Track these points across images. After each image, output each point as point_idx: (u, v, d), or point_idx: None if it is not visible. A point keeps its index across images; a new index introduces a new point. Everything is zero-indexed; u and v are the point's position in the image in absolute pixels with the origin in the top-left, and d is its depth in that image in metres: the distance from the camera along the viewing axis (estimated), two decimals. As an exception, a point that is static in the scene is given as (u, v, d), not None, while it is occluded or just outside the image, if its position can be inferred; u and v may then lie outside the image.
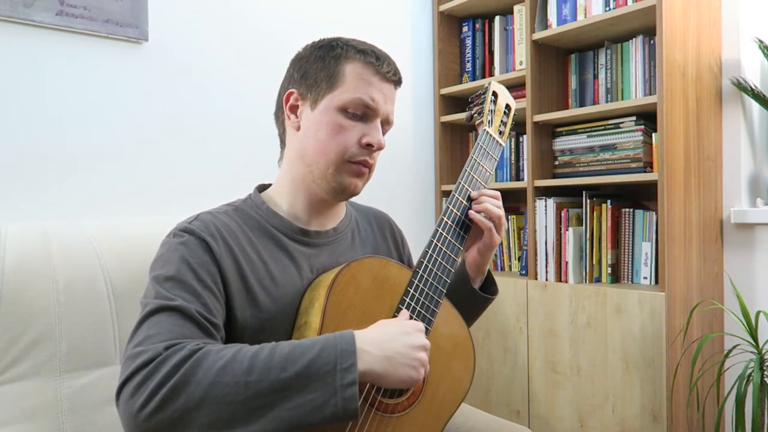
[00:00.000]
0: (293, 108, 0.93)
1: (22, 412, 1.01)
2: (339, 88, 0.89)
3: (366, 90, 0.89)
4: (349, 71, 0.89)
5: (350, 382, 0.70)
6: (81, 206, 1.42)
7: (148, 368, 0.69)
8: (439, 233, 0.92)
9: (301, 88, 0.92)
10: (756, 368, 1.46)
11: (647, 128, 1.70)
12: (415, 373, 0.77)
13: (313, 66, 0.91)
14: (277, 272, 0.89)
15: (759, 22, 1.80)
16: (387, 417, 0.84)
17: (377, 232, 1.07)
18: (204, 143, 1.63)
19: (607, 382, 1.66)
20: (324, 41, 0.94)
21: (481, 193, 0.97)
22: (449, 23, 2.23)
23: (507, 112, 1.08)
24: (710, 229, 1.75)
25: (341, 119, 0.89)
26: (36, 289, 1.05)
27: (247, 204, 0.95)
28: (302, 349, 0.71)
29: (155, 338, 0.73)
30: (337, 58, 0.90)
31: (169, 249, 0.84)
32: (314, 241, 0.94)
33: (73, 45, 1.41)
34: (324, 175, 0.90)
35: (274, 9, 1.78)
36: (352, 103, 0.88)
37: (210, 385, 0.68)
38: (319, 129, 0.89)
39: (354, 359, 0.71)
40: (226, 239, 0.86)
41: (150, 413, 0.67)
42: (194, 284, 0.80)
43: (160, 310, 0.76)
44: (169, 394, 0.68)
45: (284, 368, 0.70)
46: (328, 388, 0.69)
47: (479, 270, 1.03)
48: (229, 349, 0.72)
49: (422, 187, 2.20)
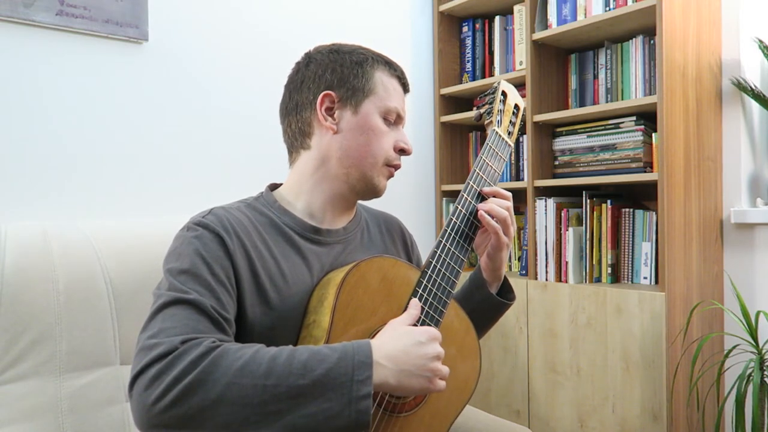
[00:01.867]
0: (329, 110, 0.94)
1: (22, 412, 1.01)
2: (377, 95, 0.94)
3: (396, 99, 0.96)
4: (383, 80, 0.95)
5: (365, 394, 0.71)
6: (81, 206, 1.42)
7: (165, 361, 0.69)
8: (448, 233, 0.92)
9: (340, 92, 0.93)
10: (756, 368, 1.46)
11: (647, 128, 1.70)
12: (429, 384, 0.78)
13: (351, 71, 0.94)
14: (287, 269, 0.89)
15: (759, 22, 1.80)
16: (395, 416, 0.84)
17: (386, 235, 1.08)
18: (204, 143, 1.63)
19: (607, 382, 1.66)
20: (346, 47, 0.97)
21: (492, 191, 0.97)
22: (449, 23, 2.23)
23: (516, 112, 1.07)
24: (710, 229, 1.75)
25: (382, 125, 0.94)
26: (36, 289, 1.05)
27: (259, 201, 0.95)
28: (320, 357, 0.72)
29: (170, 331, 0.73)
30: (372, 66, 0.95)
31: (183, 242, 0.84)
32: (325, 239, 0.95)
33: (73, 45, 1.41)
34: (364, 176, 0.94)
35: (274, 9, 1.78)
36: (391, 111, 0.95)
37: (227, 385, 0.69)
38: (364, 133, 0.93)
39: (370, 372, 0.72)
40: (239, 235, 0.86)
41: (165, 407, 0.67)
42: (208, 278, 0.80)
43: (174, 302, 0.77)
44: (186, 391, 0.68)
45: (302, 375, 0.70)
46: (343, 399, 0.70)
47: (495, 275, 1.03)
48: (247, 349, 0.72)
49: (422, 187, 2.20)
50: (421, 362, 0.77)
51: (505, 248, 0.98)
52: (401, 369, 0.76)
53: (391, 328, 0.81)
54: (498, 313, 1.06)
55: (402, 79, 0.98)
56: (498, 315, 1.06)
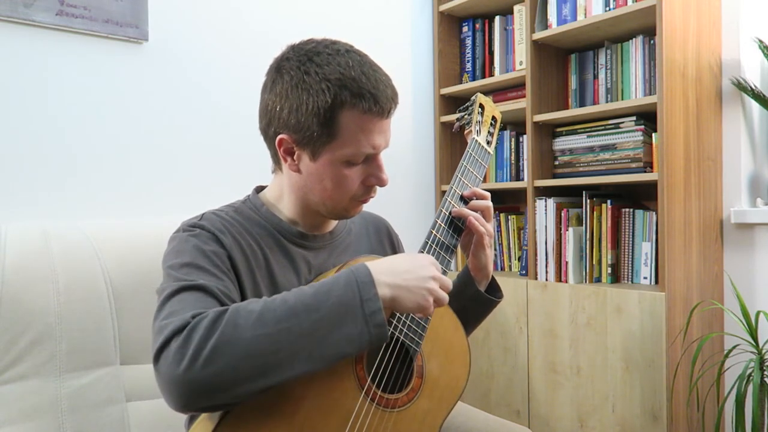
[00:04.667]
0: (288, 151, 0.89)
1: (22, 412, 1.01)
2: (339, 140, 0.85)
3: (367, 140, 0.86)
4: (348, 122, 0.84)
5: (376, 309, 0.75)
6: (81, 206, 1.42)
7: (182, 335, 0.70)
8: (433, 234, 0.94)
9: (296, 136, 0.86)
10: (756, 368, 1.46)
11: (647, 128, 1.70)
12: (424, 302, 0.80)
13: (307, 118, 0.84)
14: (277, 270, 0.90)
15: (759, 22, 1.80)
16: (388, 412, 0.85)
17: (372, 235, 1.09)
18: (204, 143, 1.63)
19: (607, 382, 1.66)
20: (320, 60, 0.85)
21: (471, 193, 0.99)
22: (449, 23, 2.22)
23: (494, 123, 1.12)
24: (710, 229, 1.75)
25: (345, 170, 0.87)
26: (36, 289, 1.05)
27: (246, 205, 0.96)
28: (326, 288, 0.75)
29: (180, 312, 0.74)
30: (338, 107, 0.83)
31: (180, 241, 0.85)
32: (312, 244, 0.96)
33: (73, 45, 1.41)
34: (332, 210, 0.92)
35: (274, 9, 1.78)
36: (355, 156, 0.86)
37: (253, 338, 0.70)
38: (323, 179, 0.88)
39: (374, 289, 0.76)
40: (234, 235, 0.88)
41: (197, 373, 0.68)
42: (211, 268, 0.82)
43: (182, 289, 0.78)
44: (213, 353, 0.69)
45: (317, 308, 0.73)
46: (358, 320, 0.74)
47: (482, 273, 1.05)
48: (254, 303, 0.74)
49: (422, 187, 2.20)
50: (417, 281, 0.80)
51: (488, 247, 1.01)
52: (398, 285, 0.78)
53: (390, 256, 0.84)
54: (486, 310, 1.09)
55: (379, 111, 0.85)
56: (486, 313, 1.09)
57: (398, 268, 0.80)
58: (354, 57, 0.86)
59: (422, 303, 0.80)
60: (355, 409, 0.82)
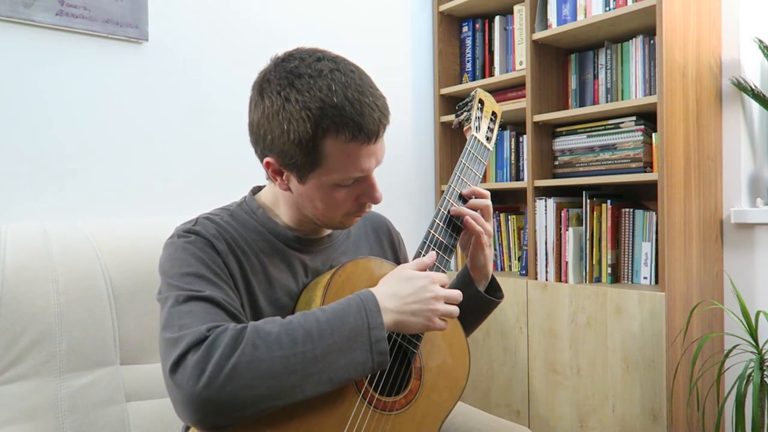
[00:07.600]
0: (277, 172, 0.86)
1: (22, 412, 1.01)
2: (324, 167, 0.82)
3: (354, 166, 0.82)
4: (332, 151, 0.80)
5: (381, 338, 0.79)
6: (81, 206, 1.42)
7: (201, 349, 0.71)
8: (431, 234, 0.94)
9: (281, 160, 0.83)
10: (756, 368, 1.46)
11: (647, 128, 1.70)
12: (429, 323, 0.84)
13: (290, 147, 0.80)
14: (274, 274, 0.90)
15: (759, 22, 1.80)
16: (386, 415, 0.85)
17: (371, 235, 1.09)
18: (204, 143, 1.63)
19: (607, 382, 1.66)
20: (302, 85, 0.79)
21: (470, 192, 0.99)
22: (449, 23, 2.22)
23: (493, 118, 1.11)
24: (710, 229, 1.75)
25: (335, 192, 0.85)
26: (36, 289, 1.05)
27: (242, 208, 0.94)
28: (339, 313, 0.78)
29: (192, 324, 0.75)
30: (321, 136, 0.79)
31: (177, 248, 0.85)
32: (309, 248, 0.95)
33: (73, 45, 1.41)
34: (323, 223, 0.91)
35: (274, 9, 1.78)
36: (344, 180, 0.84)
37: (272, 359, 0.72)
38: (314, 200, 0.86)
39: (381, 318, 0.79)
40: (228, 241, 0.87)
41: (216, 390, 0.69)
42: (212, 277, 0.82)
43: (189, 299, 0.78)
44: (233, 372, 0.70)
45: (331, 334, 0.76)
46: (365, 347, 0.78)
47: (482, 273, 1.04)
48: (270, 324, 0.76)
49: (422, 187, 2.20)
50: (420, 305, 0.83)
51: (487, 247, 1.01)
52: (402, 311, 0.82)
53: (396, 273, 0.86)
54: (486, 311, 1.08)
55: (366, 138, 0.80)
56: (486, 313, 1.09)
57: (401, 292, 0.83)
58: (338, 78, 0.79)
59: (427, 324, 0.84)
60: (352, 412, 0.81)
